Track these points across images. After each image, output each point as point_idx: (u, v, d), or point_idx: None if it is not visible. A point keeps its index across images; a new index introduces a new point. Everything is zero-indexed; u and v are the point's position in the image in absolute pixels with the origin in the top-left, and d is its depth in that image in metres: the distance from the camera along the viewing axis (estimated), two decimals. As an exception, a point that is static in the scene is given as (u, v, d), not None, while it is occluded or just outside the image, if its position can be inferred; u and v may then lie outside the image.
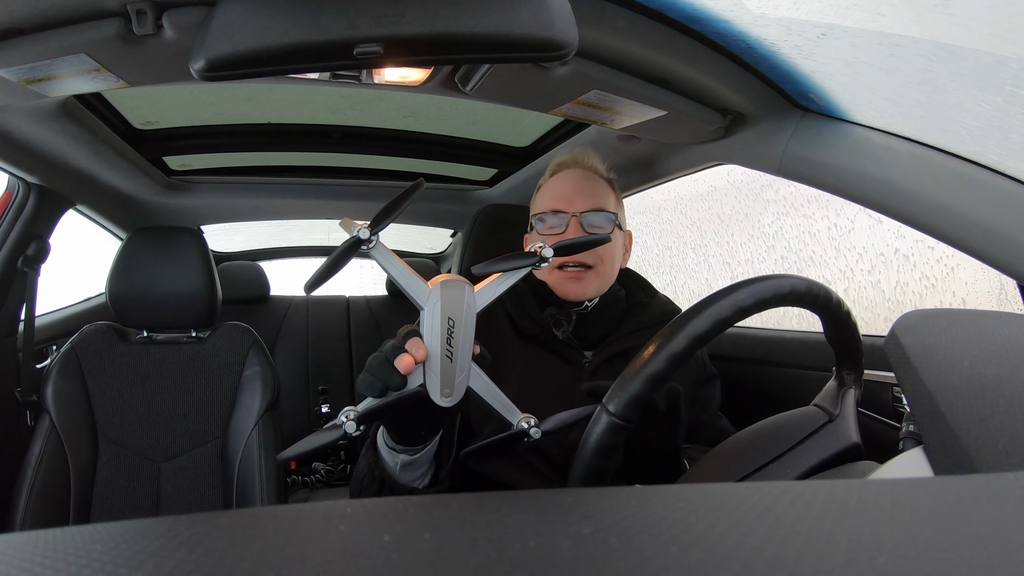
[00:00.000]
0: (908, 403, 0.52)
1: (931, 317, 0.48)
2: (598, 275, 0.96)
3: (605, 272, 0.97)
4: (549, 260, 0.58)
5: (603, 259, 0.96)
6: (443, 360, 0.54)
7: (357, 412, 0.54)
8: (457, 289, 0.55)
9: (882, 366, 0.96)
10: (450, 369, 0.55)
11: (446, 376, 0.55)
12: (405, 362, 0.54)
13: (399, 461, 0.70)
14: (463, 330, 0.55)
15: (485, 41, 0.55)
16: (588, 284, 0.95)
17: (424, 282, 0.56)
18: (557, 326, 0.94)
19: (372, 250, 0.54)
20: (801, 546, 0.21)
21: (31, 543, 0.23)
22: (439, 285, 0.55)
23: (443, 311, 0.54)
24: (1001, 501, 0.27)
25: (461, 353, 0.55)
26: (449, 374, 0.55)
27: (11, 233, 1.29)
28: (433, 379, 0.55)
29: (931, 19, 0.52)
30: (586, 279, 0.95)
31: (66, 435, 1.26)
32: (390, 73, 0.82)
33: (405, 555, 0.21)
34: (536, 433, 0.59)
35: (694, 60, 0.78)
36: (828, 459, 0.59)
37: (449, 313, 0.55)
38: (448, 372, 0.55)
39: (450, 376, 0.55)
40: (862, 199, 0.80)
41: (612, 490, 0.29)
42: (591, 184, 0.99)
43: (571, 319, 0.94)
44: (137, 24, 0.61)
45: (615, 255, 0.99)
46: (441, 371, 0.54)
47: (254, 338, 1.45)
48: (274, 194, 1.79)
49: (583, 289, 0.95)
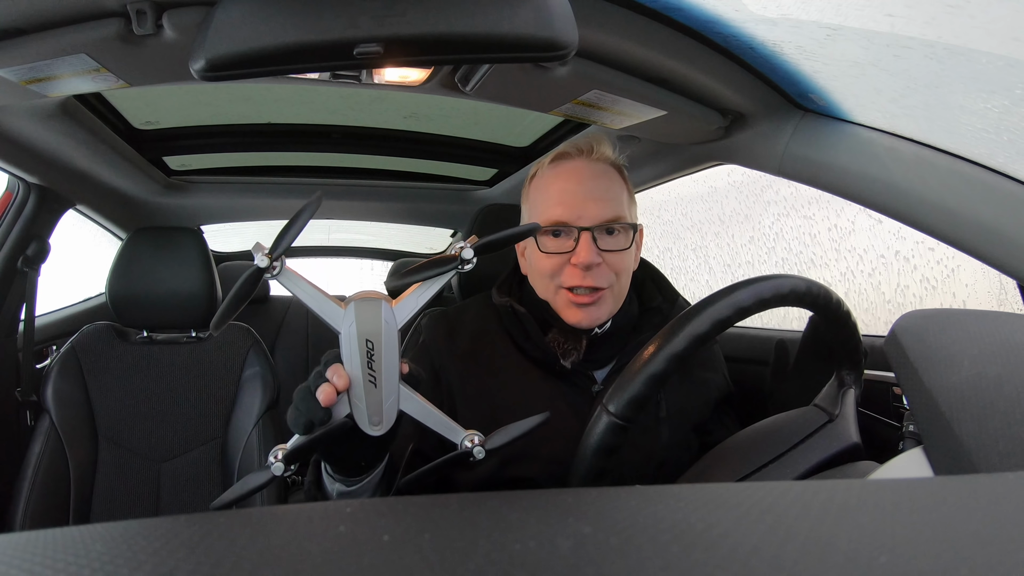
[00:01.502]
0: (908, 403, 0.52)
1: (931, 317, 0.48)
2: (612, 295, 0.81)
3: (620, 289, 0.82)
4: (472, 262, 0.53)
5: (619, 275, 0.81)
6: (367, 386, 0.50)
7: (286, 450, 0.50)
8: (372, 307, 0.51)
9: (882, 366, 0.96)
10: (375, 395, 0.51)
11: (372, 403, 0.51)
12: (325, 394, 0.50)
13: (336, 489, 0.64)
14: (384, 351, 0.50)
15: (485, 41, 0.55)
16: (602, 308, 0.80)
17: (337, 303, 0.52)
18: (565, 356, 0.81)
19: (278, 276, 0.49)
20: (801, 546, 0.21)
21: (31, 543, 0.23)
22: (352, 304, 0.51)
23: (359, 333, 0.50)
24: (1001, 501, 0.27)
25: (385, 376, 0.51)
26: (375, 400, 0.51)
27: (11, 233, 1.29)
28: (359, 408, 0.51)
29: (943, 21, 0.52)
30: (600, 302, 0.80)
31: (66, 435, 1.26)
32: (390, 73, 0.82)
33: (405, 555, 0.21)
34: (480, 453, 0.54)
35: (694, 60, 0.78)
36: (828, 459, 0.59)
37: (367, 335, 0.50)
38: (374, 398, 0.51)
39: (376, 402, 0.51)
40: (862, 199, 0.80)
41: (612, 490, 0.29)
42: (603, 183, 0.81)
43: (580, 346, 0.81)
44: (137, 24, 0.61)
45: (630, 265, 0.83)
46: (366, 398, 0.50)
47: (254, 338, 1.45)
48: (274, 194, 1.79)
49: (596, 315, 0.80)
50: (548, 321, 0.83)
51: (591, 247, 0.78)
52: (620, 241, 0.81)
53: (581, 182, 0.81)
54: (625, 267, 0.82)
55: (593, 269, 0.78)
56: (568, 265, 0.80)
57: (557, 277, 0.81)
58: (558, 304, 0.82)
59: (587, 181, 0.81)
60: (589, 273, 0.78)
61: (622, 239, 0.81)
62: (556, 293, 0.82)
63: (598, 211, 0.79)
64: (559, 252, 0.80)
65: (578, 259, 0.78)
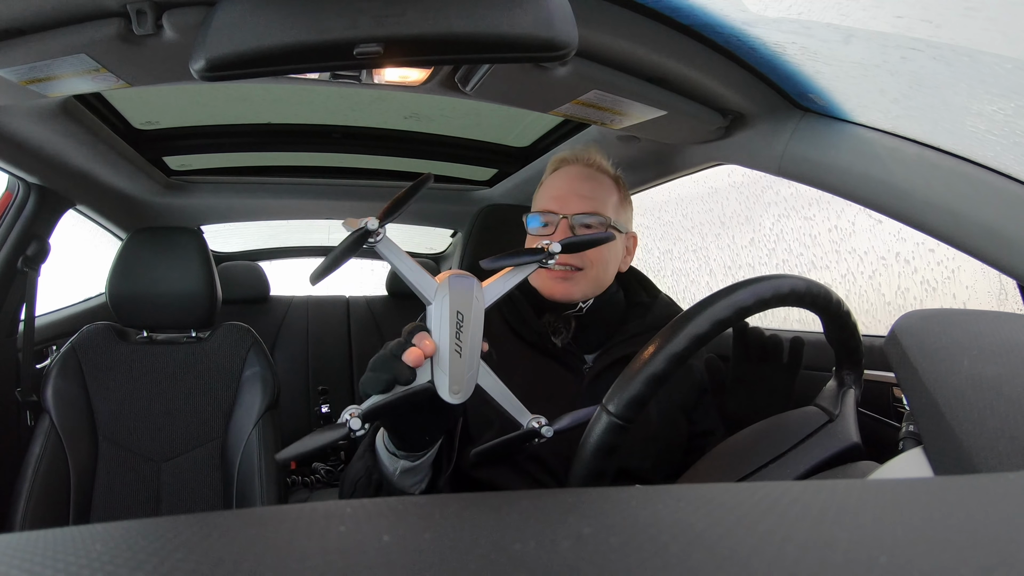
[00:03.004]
0: (908, 403, 0.52)
1: (931, 318, 0.48)
2: (587, 278, 0.92)
3: (596, 276, 0.93)
4: (556, 256, 0.58)
5: (593, 263, 0.92)
6: (452, 355, 0.52)
7: (361, 410, 0.52)
8: (466, 284, 0.54)
9: (882, 366, 0.96)
10: (459, 365, 0.53)
11: (455, 372, 0.52)
12: (414, 355, 0.52)
13: (399, 467, 0.68)
14: (472, 325, 0.53)
15: (485, 41, 0.55)
16: (575, 285, 0.92)
17: (432, 277, 0.55)
18: (556, 334, 0.91)
19: (379, 243, 0.53)
20: (801, 546, 0.21)
21: (31, 543, 0.23)
22: (448, 279, 0.54)
23: (452, 305, 0.53)
24: (1001, 501, 0.27)
25: (470, 348, 0.53)
26: (458, 370, 0.53)
27: (11, 233, 1.29)
28: (441, 375, 0.52)
29: (953, 22, 0.52)
30: (574, 280, 0.91)
31: (66, 435, 1.26)
32: (390, 73, 0.82)
33: (405, 555, 0.21)
34: (548, 432, 0.57)
35: (694, 60, 0.78)
36: (828, 459, 0.59)
37: (458, 307, 0.53)
38: (457, 368, 0.52)
39: (459, 372, 0.53)
40: (862, 199, 0.80)
41: (612, 490, 0.29)
42: (590, 184, 0.95)
43: (570, 326, 0.91)
44: (137, 24, 0.61)
45: (608, 259, 0.95)
46: (450, 366, 0.52)
47: (254, 338, 1.45)
48: (274, 194, 1.79)
49: (570, 290, 0.92)
50: (541, 304, 0.95)
51: (566, 230, 0.92)
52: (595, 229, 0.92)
53: (571, 181, 0.95)
54: (600, 258, 0.93)
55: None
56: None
57: None
58: (540, 282, 0.94)
59: (576, 182, 0.95)
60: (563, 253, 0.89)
61: (597, 228, 0.93)
62: (538, 272, 0.92)
63: (579, 204, 0.93)
64: (542, 235, 0.95)
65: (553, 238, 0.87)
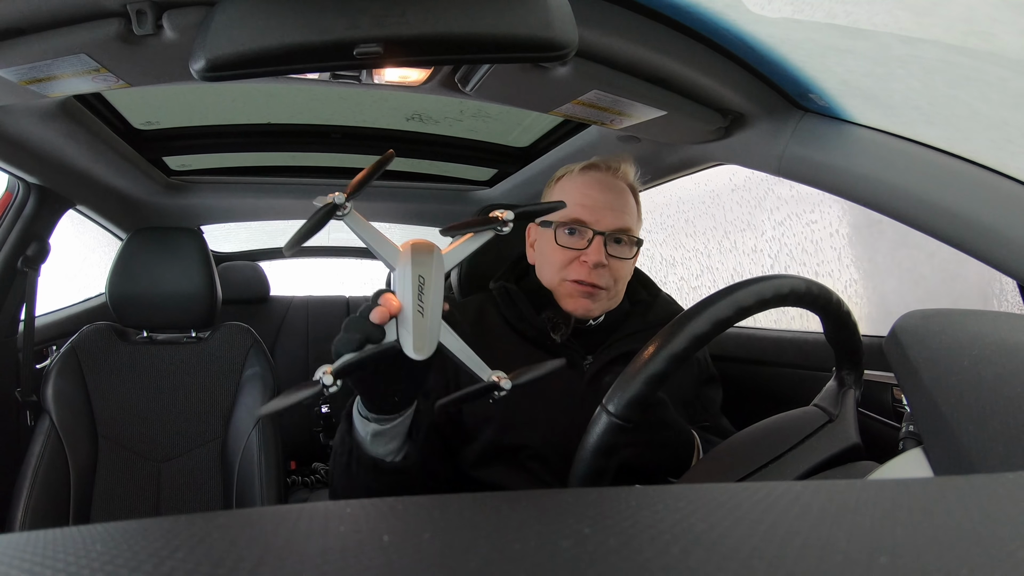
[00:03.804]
0: (908, 403, 0.52)
1: (931, 317, 0.48)
2: (610, 296, 0.92)
3: (617, 293, 0.94)
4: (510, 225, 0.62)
5: (617, 280, 0.92)
6: (415, 315, 0.56)
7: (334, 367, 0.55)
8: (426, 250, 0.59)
9: (882, 366, 0.96)
10: (422, 324, 0.57)
11: (418, 330, 0.56)
12: (379, 313, 0.56)
13: (370, 430, 0.71)
14: (433, 287, 0.57)
15: (485, 41, 0.55)
16: (597, 303, 0.91)
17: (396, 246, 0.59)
18: (555, 330, 0.91)
19: (346, 216, 0.56)
20: (801, 546, 0.21)
21: (31, 543, 0.23)
22: (410, 246, 0.59)
23: (414, 269, 0.57)
24: (1001, 501, 0.27)
25: (431, 309, 0.57)
26: (421, 328, 0.56)
27: (11, 233, 1.29)
28: (406, 334, 0.56)
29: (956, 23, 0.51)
30: (597, 298, 0.91)
31: (66, 435, 1.26)
32: (390, 73, 0.82)
33: (405, 555, 0.21)
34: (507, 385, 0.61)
35: (694, 60, 0.78)
36: (828, 459, 0.59)
37: (420, 271, 0.57)
38: (420, 326, 0.56)
39: (422, 330, 0.56)
40: (862, 199, 0.79)
41: (612, 490, 0.29)
42: (623, 198, 0.92)
43: (569, 323, 0.91)
44: (137, 24, 0.61)
45: (629, 274, 0.95)
46: (413, 325, 0.56)
47: (254, 338, 1.45)
48: (274, 194, 1.79)
49: (590, 307, 0.91)
50: (542, 302, 0.93)
51: (601, 249, 0.89)
52: (625, 251, 0.92)
53: (604, 192, 0.92)
54: (624, 274, 0.93)
55: (599, 269, 0.89)
56: (578, 261, 0.90)
57: (566, 269, 0.91)
58: (560, 292, 0.92)
59: (609, 192, 0.92)
60: (595, 272, 0.89)
61: (627, 249, 0.93)
62: (560, 283, 0.92)
63: (613, 220, 0.90)
64: (572, 248, 0.91)
65: (588, 258, 0.89)
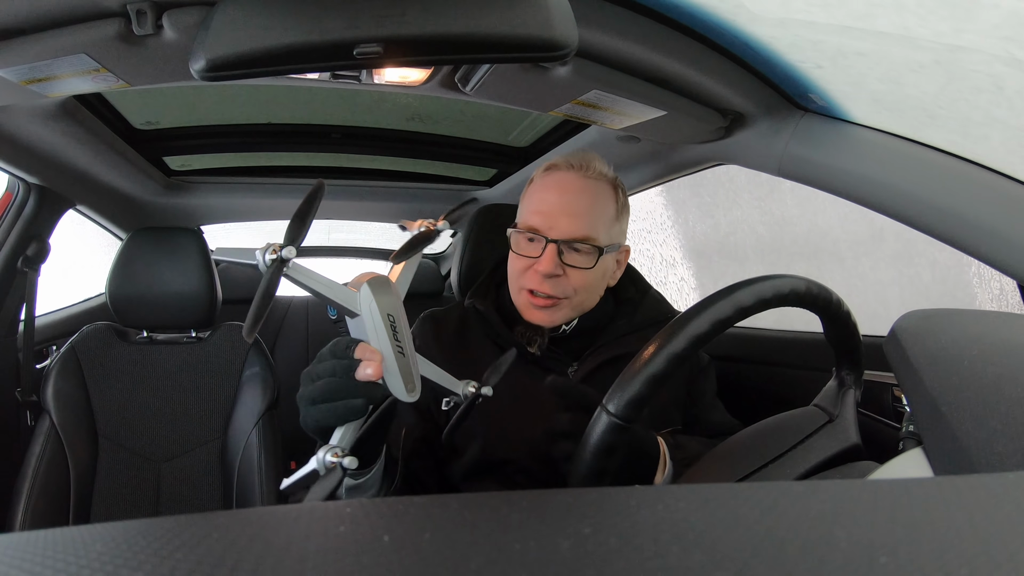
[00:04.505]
0: (908, 403, 0.52)
1: (931, 317, 0.48)
2: (571, 304, 0.87)
3: (580, 302, 0.88)
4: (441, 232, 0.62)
5: (577, 290, 0.86)
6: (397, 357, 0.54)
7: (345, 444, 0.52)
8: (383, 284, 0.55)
9: (882, 366, 0.96)
10: (405, 364, 0.55)
11: (405, 372, 0.54)
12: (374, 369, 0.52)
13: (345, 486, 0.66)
14: (401, 321, 0.55)
15: (485, 41, 0.55)
16: (558, 313, 0.87)
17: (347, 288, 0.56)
18: (531, 343, 0.87)
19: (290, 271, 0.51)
20: (801, 546, 0.21)
21: (31, 543, 0.23)
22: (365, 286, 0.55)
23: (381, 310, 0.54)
24: (1001, 501, 0.27)
25: (408, 345, 0.55)
26: (406, 369, 0.55)
27: (11, 233, 1.29)
28: (395, 380, 0.54)
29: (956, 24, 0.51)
30: (556, 307, 0.86)
31: (66, 435, 1.26)
32: (390, 73, 0.82)
33: (405, 555, 0.21)
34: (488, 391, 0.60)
35: (694, 60, 0.78)
36: (828, 459, 0.59)
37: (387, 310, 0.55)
38: (405, 367, 0.55)
39: (407, 370, 0.55)
40: (862, 199, 0.79)
41: (612, 490, 0.29)
42: (584, 200, 0.85)
43: (544, 334, 0.88)
44: (137, 24, 0.61)
45: (593, 284, 0.88)
46: (399, 369, 0.54)
47: (254, 338, 1.45)
48: (274, 194, 1.79)
49: (552, 317, 0.87)
50: (515, 318, 0.90)
51: (554, 259, 0.83)
52: (584, 260, 0.85)
53: (562, 194, 0.86)
54: (586, 283, 0.86)
55: (552, 279, 0.85)
56: (532, 270, 0.86)
57: (522, 278, 0.88)
58: (519, 302, 0.89)
59: (567, 195, 0.85)
60: (548, 281, 0.85)
61: (586, 258, 0.85)
62: (519, 292, 0.89)
63: (569, 227, 0.84)
64: (527, 256, 0.86)
65: (539, 267, 0.84)
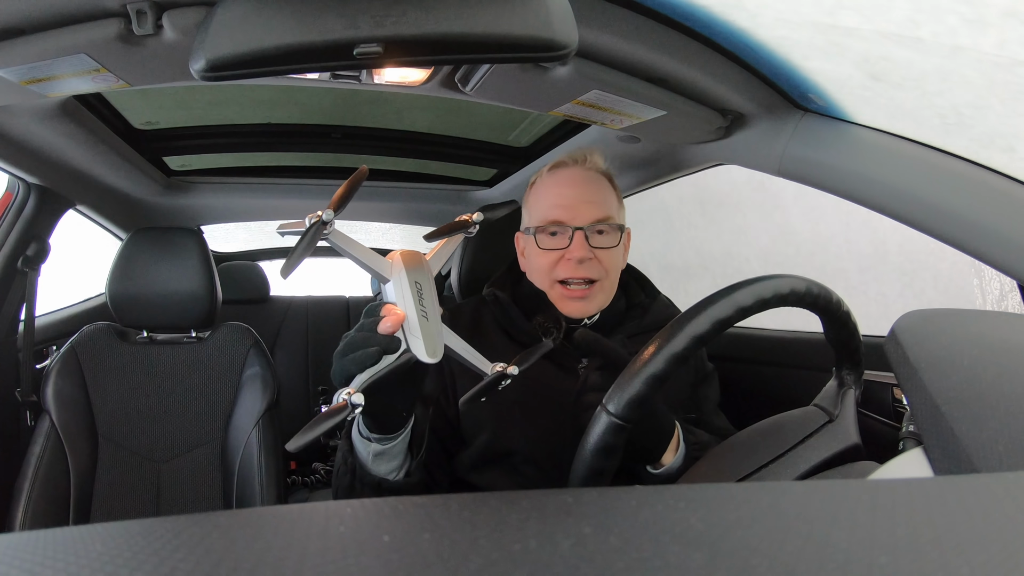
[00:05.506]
0: (908, 403, 0.52)
1: (931, 317, 0.48)
2: (603, 289, 0.91)
3: (611, 284, 0.92)
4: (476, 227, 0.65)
5: (608, 271, 0.90)
6: (421, 320, 0.57)
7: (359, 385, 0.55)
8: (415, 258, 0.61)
9: (882, 366, 0.96)
10: (428, 327, 0.57)
11: (427, 334, 0.57)
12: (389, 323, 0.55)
13: (372, 451, 0.70)
14: (430, 291, 0.59)
15: (485, 41, 0.55)
16: (593, 300, 0.90)
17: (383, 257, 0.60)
18: (547, 335, 0.89)
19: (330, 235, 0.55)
20: (801, 546, 0.21)
21: (31, 543, 0.23)
22: (398, 255, 0.60)
23: (410, 276, 0.58)
24: (1001, 501, 0.27)
25: (433, 312, 0.58)
26: (429, 332, 0.57)
27: (11, 233, 1.28)
28: (416, 340, 0.57)
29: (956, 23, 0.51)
30: (591, 295, 0.90)
31: (66, 435, 1.26)
32: (390, 73, 0.83)
33: (405, 555, 0.21)
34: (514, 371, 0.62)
35: (694, 60, 0.78)
36: (828, 459, 0.59)
37: (416, 278, 0.58)
38: (428, 330, 0.57)
39: (430, 333, 0.57)
40: (862, 200, 0.79)
41: (612, 490, 0.29)
42: (595, 188, 0.92)
43: (561, 327, 0.90)
44: (137, 24, 0.61)
45: (619, 263, 0.94)
46: (422, 330, 0.57)
47: (254, 338, 1.45)
48: (274, 194, 1.79)
49: (587, 307, 0.90)
50: (533, 308, 0.92)
51: (584, 243, 0.88)
52: (609, 239, 0.91)
53: (575, 186, 0.92)
54: (614, 264, 0.92)
55: (585, 263, 0.89)
56: (563, 260, 0.90)
57: (554, 271, 0.91)
58: (554, 296, 0.92)
59: (581, 185, 0.92)
60: (582, 266, 0.89)
61: (611, 238, 0.91)
62: (552, 287, 0.91)
63: (590, 212, 0.90)
64: (555, 249, 0.90)
65: (572, 254, 0.89)
